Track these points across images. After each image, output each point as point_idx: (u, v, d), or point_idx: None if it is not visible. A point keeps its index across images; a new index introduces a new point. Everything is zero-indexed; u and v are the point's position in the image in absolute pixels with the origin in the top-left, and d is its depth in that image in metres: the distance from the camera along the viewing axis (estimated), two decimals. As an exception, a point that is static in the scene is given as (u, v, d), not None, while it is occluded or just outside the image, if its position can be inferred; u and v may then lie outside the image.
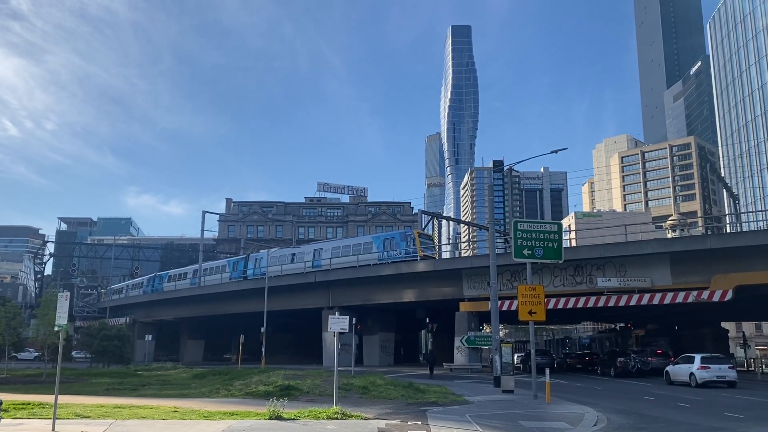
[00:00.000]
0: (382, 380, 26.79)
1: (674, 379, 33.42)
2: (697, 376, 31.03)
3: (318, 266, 53.68)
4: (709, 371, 31.06)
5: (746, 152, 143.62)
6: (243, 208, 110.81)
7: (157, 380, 34.13)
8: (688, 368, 32.28)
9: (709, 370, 31.11)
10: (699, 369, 31.26)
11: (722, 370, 31.16)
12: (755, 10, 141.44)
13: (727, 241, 35.94)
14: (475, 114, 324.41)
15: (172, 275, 74.53)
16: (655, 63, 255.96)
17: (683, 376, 32.45)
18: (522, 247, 22.51)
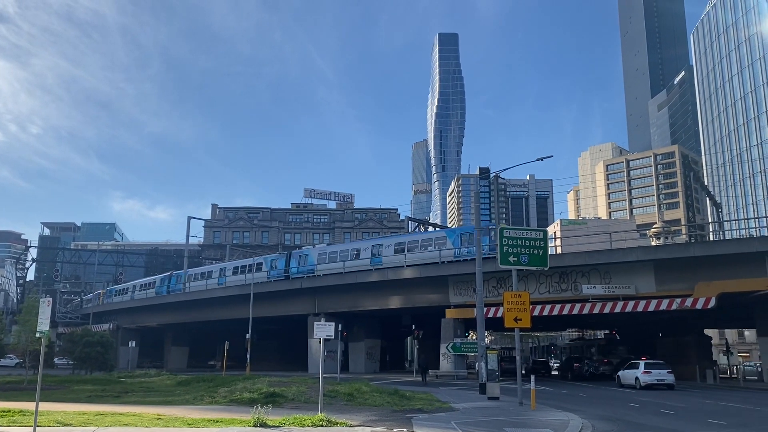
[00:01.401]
0: (368, 387, 26.71)
1: (624, 382, 37.31)
2: (641, 379, 34.97)
3: (378, 263, 48.78)
4: (650, 375, 35.05)
5: (729, 161, 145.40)
6: (229, 214, 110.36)
7: (141, 387, 33.76)
8: (634, 373, 36.26)
9: (651, 375, 35.13)
10: (642, 374, 35.25)
11: (662, 375, 35.18)
12: (737, 21, 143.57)
13: (710, 249, 36.34)
14: (462, 121, 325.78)
15: (193, 275, 69.10)
16: (640, 72, 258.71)
17: (630, 380, 36.34)
18: (508, 254, 22.58)
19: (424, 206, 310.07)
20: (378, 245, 50.40)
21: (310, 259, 54.57)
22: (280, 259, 58.29)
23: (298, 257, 56.44)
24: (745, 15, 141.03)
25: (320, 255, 54.00)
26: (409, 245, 48.20)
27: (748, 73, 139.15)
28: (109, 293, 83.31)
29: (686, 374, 46.65)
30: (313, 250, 56.28)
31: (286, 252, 60.82)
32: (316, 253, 54.94)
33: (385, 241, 50.91)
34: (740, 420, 19.11)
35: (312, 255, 54.82)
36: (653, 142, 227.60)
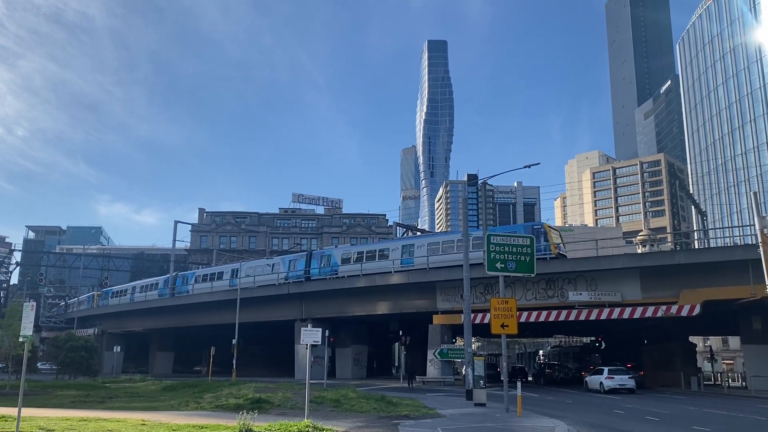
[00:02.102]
0: (355, 393, 26.66)
1: (590, 387, 39.67)
2: (605, 384, 37.46)
3: (409, 264, 46.73)
4: (613, 380, 37.42)
5: (714, 170, 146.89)
6: (216, 219, 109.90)
7: (125, 392, 33.49)
8: (598, 378, 38.84)
9: (614, 380, 37.52)
10: (606, 378, 37.86)
11: (623, 380, 37.50)
12: (723, 31, 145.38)
13: (696, 256, 36.66)
14: (451, 128, 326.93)
15: (201, 276, 65.57)
16: (627, 81, 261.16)
17: (596, 384, 38.69)
18: (495, 260, 22.65)
19: (413, 212, 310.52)
20: (409, 245, 48.21)
21: (333, 259, 52.17)
22: (299, 259, 55.68)
23: (320, 258, 54.00)
24: (730, 26, 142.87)
25: (344, 255, 51.59)
26: (444, 246, 46.11)
27: (733, 83, 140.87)
28: (105, 295, 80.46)
29: (671, 381, 46.98)
30: (335, 251, 54.07)
31: (306, 252, 58.63)
32: (339, 254, 52.49)
33: (417, 241, 48.68)
34: (724, 427, 19.27)
35: (335, 255, 52.43)
36: (639, 150, 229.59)
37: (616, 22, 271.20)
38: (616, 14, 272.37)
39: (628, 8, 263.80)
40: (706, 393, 40.16)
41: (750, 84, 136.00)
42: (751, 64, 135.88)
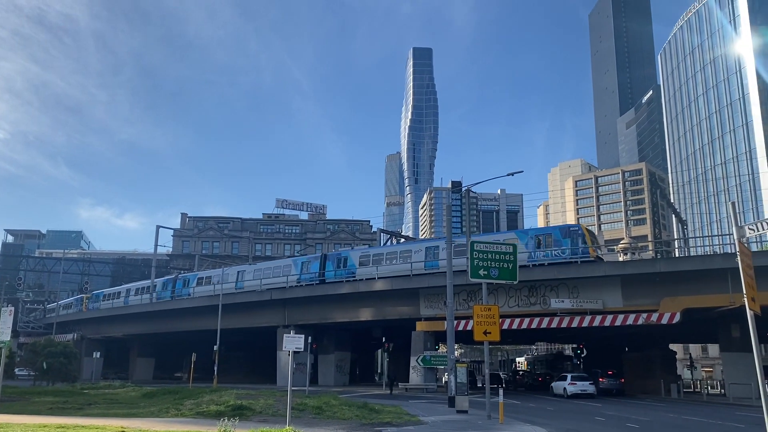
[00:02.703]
0: (337, 400, 26.55)
1: (555, 392, 42.29)
2: (568, 389, 39.92)
3: (434, 267, 44.50)
4: (575, 386, 39.85)
5: (694, 179, 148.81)
6: (198, 224, 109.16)
7: (105, 399, 33.06)
8: (562, 384, 41.29)
9: (576, 386, 39.90)
10: (569, 384, 40.33)
11: (585, 386, 39.94)
12: (703, 43, 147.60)
13: (676, 265, 37.03)
14: (435, 135, 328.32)
15: (204, 278, 62.22)
16: (609, 91, 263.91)
17: (560, 390, 41.23)
18: (478, 267, 22.71)
19: (397, 218, 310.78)
20: (433, 248, 46.04)
21: (350, 261, 50.19)
22: (313, 261, 53.66)
23: (336, 260, 51.91)
24: (710, 38, 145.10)
25: (362, 257, 49.46)
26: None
27: (713, 94, 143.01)
28: (95, 298, 77.94)
29: (651, 388, 47.31)
30: (352, 252, 52.26)
31: (321, 254, 56.71)
32: (357, 256, 50.55)
33: (442, 244, 45.14)
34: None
35: (352, 257, 50.51)
36: (621, 159, 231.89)
37: (599, 32, 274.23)
38: (599, 25, 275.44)
39: (611, 19, 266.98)
40: (685, 400, 40.52)
41: (729, 95, 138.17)
42: (730, 76, 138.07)
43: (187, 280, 64.34)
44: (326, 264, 52.18)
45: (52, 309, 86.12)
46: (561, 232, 41.50)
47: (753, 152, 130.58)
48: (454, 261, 42.81)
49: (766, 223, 10.41)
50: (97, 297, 77.60)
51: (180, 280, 65.70)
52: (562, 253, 40.09)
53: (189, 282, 63.72)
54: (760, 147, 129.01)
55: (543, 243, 41.35)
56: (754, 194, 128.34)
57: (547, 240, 41.31)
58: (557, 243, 40.55)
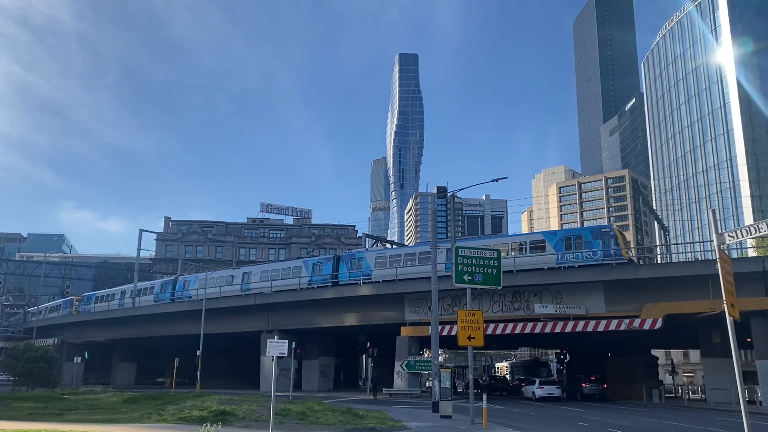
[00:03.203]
0: (321, 406, 26.46)
1: (525, 395, 46.18)
2: (536, 393, 43.48)
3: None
4: (543, 390, 43.59)
5: (677, 186, 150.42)
6: (182, 228, 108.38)
7: (85, 405, 32.66)
8: (531, 388, 45.11)
9: (543, 389, 43.61)
10: (537, 388, 43.99)
11: (551, 390, 43.72)
12: (685, 52, 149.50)
13: (658, 271, 37.44)
14: (421, 141, 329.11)
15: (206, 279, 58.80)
16: (593, 98, 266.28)
17: (529, 393, 45.18)
18: (463, 272, 22.79)
19: (382, 223, 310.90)
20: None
21: (365, 263, 48.14)
22: (325, 263, 51.52)
23: (350, 261, 49.94)
24: (692, 47, 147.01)
25: (379, 258, 47.43)
26: None
27: (695, 103, 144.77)
28: (87, 300, 75.01)
29: (634, 393, 47.68)
30: (368, 253, 50.34)
31: (334, 255, 54.82)
32: (373, 257, 48.59)
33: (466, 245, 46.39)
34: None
35: (368, 258, 48.54)
36: (604, 165, 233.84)
37: (584, 40, 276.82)
38: (583, 33, 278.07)
39: (595, 27, 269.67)
40: (667, 405, 40.86)
41: (711, 104, 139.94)
42: (712, 85, 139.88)
43: (188, 282, 61.89)
44: (340, 265, 50.34)
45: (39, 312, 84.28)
46: (592, 234, 40.44)
47: (734, 160, 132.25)
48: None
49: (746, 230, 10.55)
50: (89, 299, 75.07)
51: (180, 281, 63.23)
52: (593, 254, 38.92)
53: (189, 284, 61.30)
54: (741, 155, 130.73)
55: (573, 245, 40.26)
56: (734, 202, 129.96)
57: (577, 241, 40.35)
58: (588, 245, 39.63)
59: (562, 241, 40.98)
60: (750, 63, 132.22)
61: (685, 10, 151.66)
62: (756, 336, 35.54)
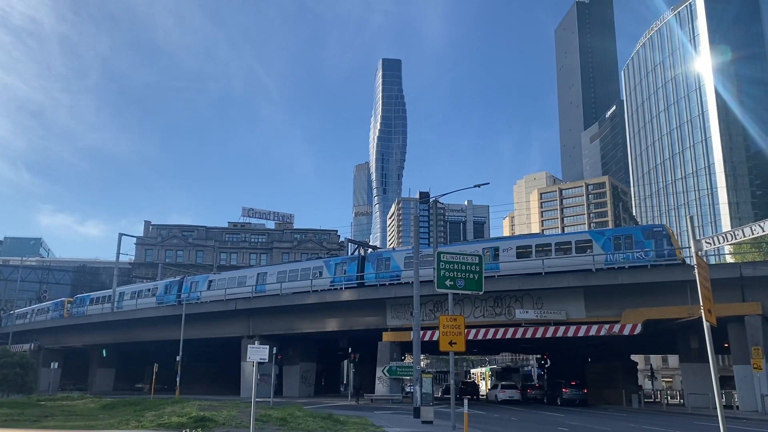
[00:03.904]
0: (302, 412, 26.32)
1: (489, 398, 52.68)
2: (498, 396, 48.90)
3: (494, 269, 40.90)
4: (505, 393, 48.82)
5: (656, 193, 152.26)
6: (162, 232, 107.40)
7: (62, 411, 32.17)
8: (495, 392, 51.13)
9: (505, 393, 48.87)
10: (500, 392, 49.47)
11: (512, 393, 49.01)
12: (665, 60, 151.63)
13: (637, 277, 37.75)
14: (404, 146, 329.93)
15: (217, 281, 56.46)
16: (574, 105, 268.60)
17: (493, 397, 51.30)
18: (444, 278, 22.83)
19: (365, 228, 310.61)
20: (493, 248, 42.95)
21: (393, 263, 45.68)
22: (349, 263, 49.02)
23: (376, 261, 47.24)
24: (672, 56, 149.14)
25: (409, 258, 43.85)
26: (538, 250, 41.23)
27: (674, 110, 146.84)
28: (80, 302, 71.20)
29: (613, 398, 48.07)
30: (396, 253, 47.94)
31: (359, 255, 52.15)
32: (402, 257, 45.91)
33: (503, 244, 43.31)
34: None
35: (396, 258, 46.05)
36: (585, 172, 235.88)
37: (565, 47, 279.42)
38: (564, 40, 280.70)
39: (576, 35, 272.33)
40: (646, 410, 41.21)
41: (689, 111, 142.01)
42: (690, 93, 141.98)
43: (195, 283, 58.54)
44: (365, 265, 47.75)
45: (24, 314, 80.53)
46: (643, 233, 38.86)
47: (712, 167, 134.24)
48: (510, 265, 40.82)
49: (723, 237, 10.73)
50: (83, 301, 71.22)
51: (187, 283, 59.60)
52: (645, 255, 37.46)
53: (197, 285, 58.05)
54: (719, 162, 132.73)
55: (623, 244, 38.62)
56: (712, 208, 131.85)
57: (627, 241, 38.89)
58: (639, 244, 38.22)
59: (610, 240, 39.44)
60: (728, 72, 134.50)
61: (665, 19, 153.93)
62: (733, 341, 36.00)
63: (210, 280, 57.45)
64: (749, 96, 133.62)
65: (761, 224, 10.64)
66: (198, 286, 57.78)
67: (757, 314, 34.57)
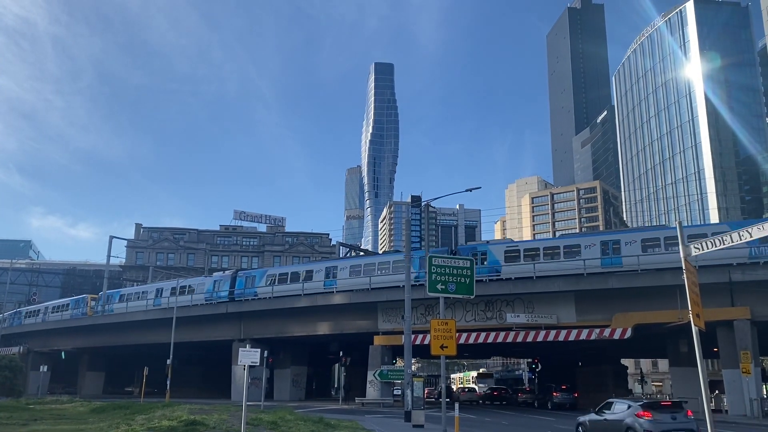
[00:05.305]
0: (292, 415, 26.27)
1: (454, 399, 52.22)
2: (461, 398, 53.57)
3: (617, 264, 38.40)
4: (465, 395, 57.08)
5: (646, 198, 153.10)
6: (153, 235, 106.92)
7: (51, 414, 31.98)
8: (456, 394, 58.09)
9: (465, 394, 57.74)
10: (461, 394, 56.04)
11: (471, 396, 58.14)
12: (655, 66, 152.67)
13: (627, 281, 37.96)
14: (396, 150, 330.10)
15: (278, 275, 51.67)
16: (565, 110, 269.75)
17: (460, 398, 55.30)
18: (436, 281, 22.86)
19: (356, 232, 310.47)
20: (573, 246, 40.55)
21: (491, 257, 41.60)
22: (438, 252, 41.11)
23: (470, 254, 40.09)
24: (662, 61, 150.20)
25: (510, 252, 41.29)
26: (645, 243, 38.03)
27: (664, 116, 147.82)
28: (108, 298, 65.25)
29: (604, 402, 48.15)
30: (494, 246, 43.60)
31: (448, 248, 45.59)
32: (501, 250, 42.11)
33: (584, 241, 40.74)
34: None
35: (494, 252, 41.97)
36: (576, 177, 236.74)
37: (557, 53, 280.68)
38: (556, 45, 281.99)
39: (568, 40, 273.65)
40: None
41: (679, 117, 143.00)
42: (680, 99, 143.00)
43: (251, 278, 53.27)
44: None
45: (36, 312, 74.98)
46: None
47: (701, 173, 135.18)
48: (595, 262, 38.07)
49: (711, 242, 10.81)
50: (111, 298, 64.84)
51: (241, 277, 54.40)
52: None
53: (254, 280, 52.76)
54: (708, 168, 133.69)
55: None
56: (702, 214, 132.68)
57: None
58: None
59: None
60: (717, 78, 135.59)
61: (655, 26, 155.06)
62: (722, 345, 36.22)
63: (269, 275, 52.57)
64: (739, 102, 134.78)
65: (749, 229, 10.76)
66: (255, 282, 52.72)
67: (746, 318, 34.84)
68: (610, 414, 19.59)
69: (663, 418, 17.50)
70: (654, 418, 17.42)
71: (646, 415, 17.55)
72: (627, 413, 18.39)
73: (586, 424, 21.09)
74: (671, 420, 17.53)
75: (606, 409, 20.13)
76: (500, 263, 41.23)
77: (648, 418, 17.45)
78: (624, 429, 17.90)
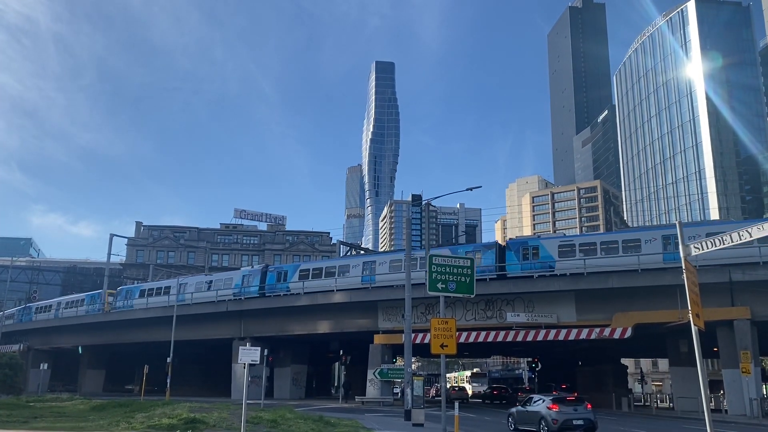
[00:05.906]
0: (292, 414, 26.29)
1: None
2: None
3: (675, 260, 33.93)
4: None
5: (647, 197, 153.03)
6: (154, 233, 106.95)
7: (52, 412, 31.98)
8: None
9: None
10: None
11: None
12: (656, 66, 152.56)
13: (628, 281, 37.97)
14: (396, 149, 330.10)
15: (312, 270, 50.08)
16: (566, 109, 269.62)
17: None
18: (436, 280, 22.85)
19: (357, 231, 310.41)
20: (633, 240, 38.73)
21: (543, 251, 40.27)
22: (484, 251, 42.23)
23: (520, 249, 41.12)
24: (663, 61, 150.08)
25: (563, 246, 39.92)
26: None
27: (665, 116, 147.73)
28: (125, 294, 63.23)
29: (603, 402, 48.18)
30: (547, 241, 42.20)
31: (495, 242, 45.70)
32: (555, 244, 40.49)
33: (645, 235, 38.95)
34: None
35: (547, 246, 40.45)
36: (577, 176, 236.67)
37: (558, 52, 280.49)
38: (557, 45, 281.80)
39: (569, 40, 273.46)
40: (635, 413, 41.39)
41: (680, 117, 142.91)
42: (681, 98, 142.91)
43: (283, 273, 51.53)
44: (506, 255, 41.98)
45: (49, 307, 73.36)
46: None
47: (702, 173, 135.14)
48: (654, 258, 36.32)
49: (711, 242, 10.82)
50: (130, 293, 62.88)
51: (272, 272, 52.71)
52: None
53: (286, 275, 50.95)
54: (709, 167, 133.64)
55: None
56: (702, 213, 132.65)
57: None
58: None
59: None
60: (718, 78, 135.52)
61: (656, 25, 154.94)
62: (722, 345, 36.22)
63: (302, 269, 50.93)
64: (740, 101, 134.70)
65: (749, 229, 10.76)
66: (288, 276, 50.81)
67: (746, 318, 34.84)
68: (530, 406, 23.85)
69: (567, 410, 21.93)
70: (560, 410, 21.86)
71: (554, 408, 22.00)
72: (542, 406, 22.72)
73: (514, 414, 25.15)
74: (573, 411, 21.96)
75: (528, 403, 24.47)
76: (554, 258, 39.87)
77: (555, 409, 21.92)
78: (539, 418, 22.39)
